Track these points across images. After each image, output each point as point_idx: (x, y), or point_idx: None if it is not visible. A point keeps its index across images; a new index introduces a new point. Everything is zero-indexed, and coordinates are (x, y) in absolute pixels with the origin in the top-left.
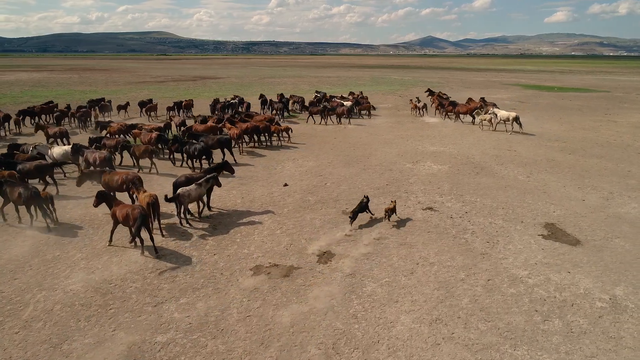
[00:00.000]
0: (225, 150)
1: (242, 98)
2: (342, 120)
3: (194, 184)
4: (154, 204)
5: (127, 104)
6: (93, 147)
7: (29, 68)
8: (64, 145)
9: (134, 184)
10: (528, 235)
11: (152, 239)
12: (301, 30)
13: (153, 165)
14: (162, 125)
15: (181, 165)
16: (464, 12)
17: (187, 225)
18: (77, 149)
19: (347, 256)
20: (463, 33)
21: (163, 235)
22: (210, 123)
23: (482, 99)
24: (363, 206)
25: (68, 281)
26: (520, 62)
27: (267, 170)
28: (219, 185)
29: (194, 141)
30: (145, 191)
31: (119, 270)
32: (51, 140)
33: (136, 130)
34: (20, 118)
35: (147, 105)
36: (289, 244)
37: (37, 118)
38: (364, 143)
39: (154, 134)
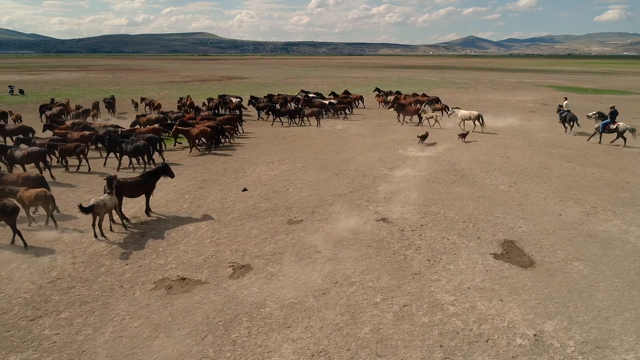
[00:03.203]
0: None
1: (241, 98)
2: (308, 120)
3: (106, 194)
4: (49, 197)
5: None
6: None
7: (71, 68)
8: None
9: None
10: (478, 254)
11: (19, 233)
12: (340, 31)
13: (84, 164)
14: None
15: (137, 165)
16: (507, 12)
17: (102, 238)
18: None
19: (264, 271)
20: (507, 33)
21: (56, 227)
22: (154, 125)
23: (424, 95)
24: (425, 135)
25: None
26: (565, 62)
27: (235, 174)
28: (112, 192)
29: (126, 140)
30: (28, 189)
31: (20, 277)
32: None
33: (58, 130)
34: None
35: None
36: (210, 256)
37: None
38: (350, 146)
39: (89, 133)
